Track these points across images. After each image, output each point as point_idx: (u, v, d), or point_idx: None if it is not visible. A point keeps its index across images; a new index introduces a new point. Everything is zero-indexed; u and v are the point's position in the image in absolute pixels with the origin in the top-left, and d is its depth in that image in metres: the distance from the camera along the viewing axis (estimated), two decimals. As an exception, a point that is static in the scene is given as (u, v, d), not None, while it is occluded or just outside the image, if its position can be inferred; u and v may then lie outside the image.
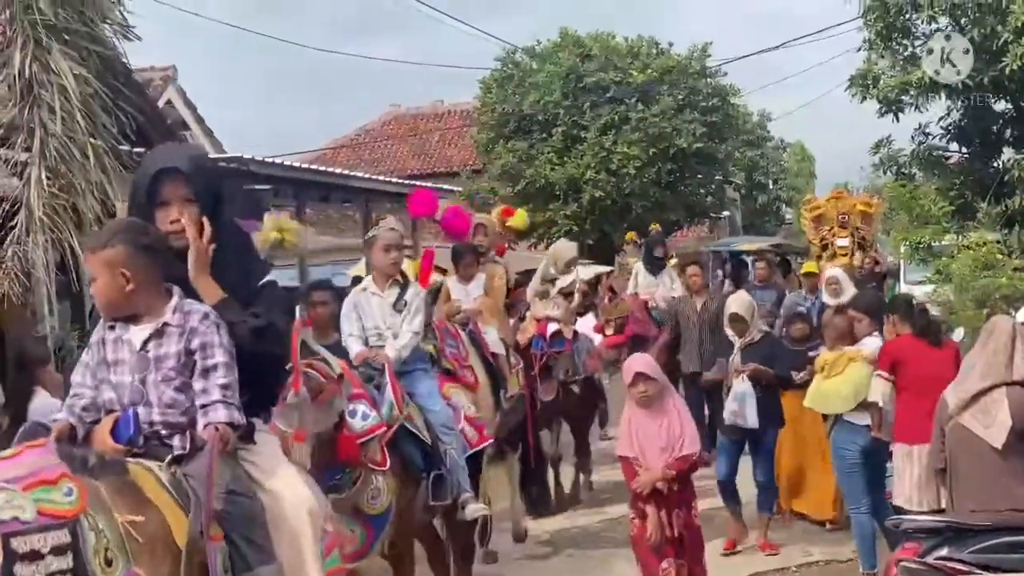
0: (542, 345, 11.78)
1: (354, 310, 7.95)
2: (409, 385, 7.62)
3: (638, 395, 7.51)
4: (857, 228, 18.75)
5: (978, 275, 13.67)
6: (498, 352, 10.18)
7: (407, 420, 7.21)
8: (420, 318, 7.83)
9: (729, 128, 30.19)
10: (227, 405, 4.38)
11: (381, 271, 7.97)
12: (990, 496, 6.23)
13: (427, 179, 29.45)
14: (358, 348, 7.73)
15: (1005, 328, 6.50)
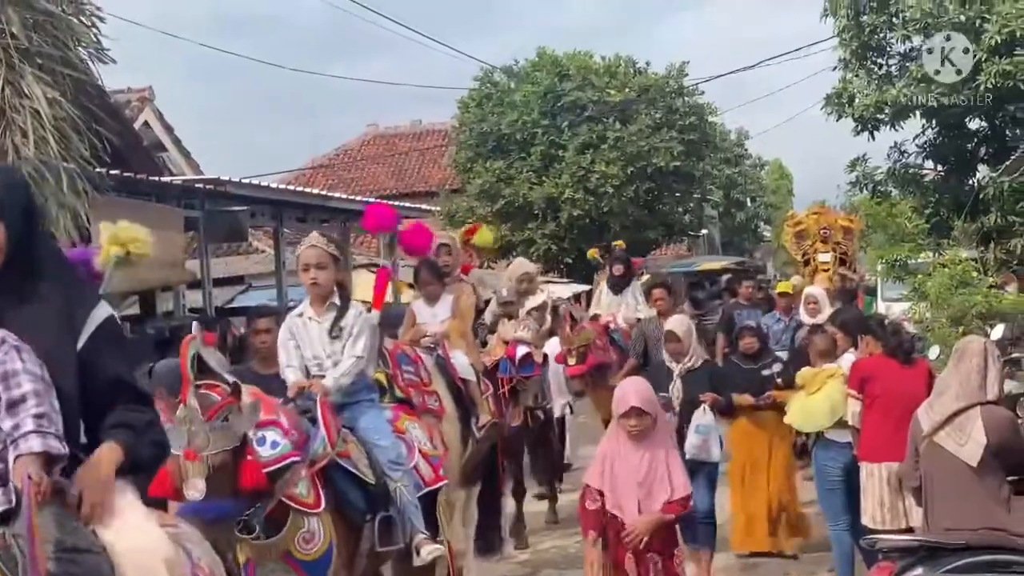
0: (510, 369, 11.01)
1: (291, 338, 7.17)
2: (353, 417, 6.99)
3: (629, 428, 6.67)
4: (838, 243, 18.80)
5: (954, 293, 13.67)
6: (468, 378, 9.57)
7: (342, 456, 6.51)
8: (363, 342, 7.08)
9: (707, 146, 30.32)
10: (42, 435, 3.57)
11: (309, 293, 7.23)
12: (965, 515, 6.24)
13: (406, 199, 29.42)
14: (294, 378, 7.00)
15: (977, 349, 6.52)
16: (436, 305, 9.89)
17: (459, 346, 9.76)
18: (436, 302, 9.89)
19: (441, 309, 9.89)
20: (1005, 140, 19.89)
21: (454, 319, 9.88)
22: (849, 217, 19.76)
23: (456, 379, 9.32)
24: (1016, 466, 6.41)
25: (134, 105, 21.29)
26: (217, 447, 5.47)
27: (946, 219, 20.38)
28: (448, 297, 9.94)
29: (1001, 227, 19.36)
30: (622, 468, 6.68)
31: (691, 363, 9.40)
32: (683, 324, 9.70)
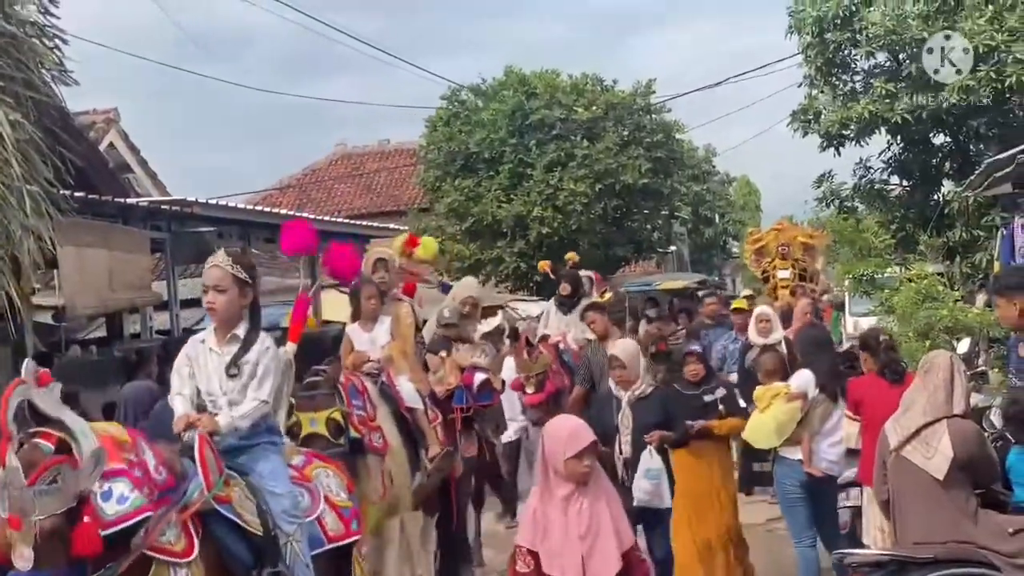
0: (466, 398, 10.33)
1: (187, 364, 6.32)
2: (249, 462, 6.17)
3: (583, 470, 5.62)
4: (798, 260, 18.82)
5: (920, 307, 13.77)
6: (415, 406, 9.09)
7: (220, 502, 5.76)
8: (269, 384, 6.18)
9: (674, 163, 30.40)
10: None
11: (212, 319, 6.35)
12: (933, 528, 6.27)
13: (374, 218, 29.40)
14: (183, 410, 6.15)
15: (943, 364, 6.55)
16: (374, 328, 9.29)
17: (403, 370, 9.24)
18: (373, 325, 9.31)
19: (380, 332, 9.30)
20: (969, 155, 20.03)
21: (395, 342, 9.31)
22: (809, 233, 19.84)
23: (402, 407, 8.92)
24: (983, 479, 6.45)
25: (99, 126, 21.21)
26: (45, 511, 4.81)
27: (912, 234, 20.56)
28: (386, 319, 9.36)
29: (966, 241, 19.49)
30: (559, 521, 5.65)
31: (640, 390, 8.71)
32: (628, 349, 8.94)
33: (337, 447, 7.62)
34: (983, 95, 18.28)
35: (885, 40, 19.26)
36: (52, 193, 9.59)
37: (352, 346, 9.33)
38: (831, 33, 20.21)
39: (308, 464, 6.80)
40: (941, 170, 21.28)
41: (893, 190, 22.05)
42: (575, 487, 5.62)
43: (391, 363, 9.15)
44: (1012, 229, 11.88)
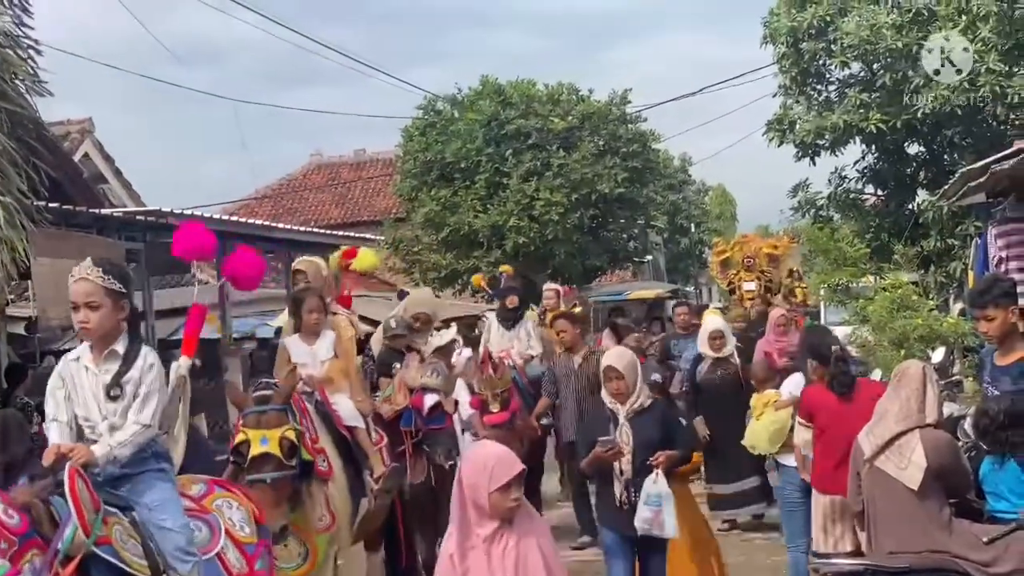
0: (415, 421, 9.73)
1: (61, 386, 5.59)
2: (133, 493, 5.51)
3: (510, 504, 4.94)
4: (763, 271, 18.79)
5: (895, 316, 13.81)
6: (355, 425, 8.47)
7: (100, 544, 5.12)
8: (152, 406, 5.51)
9: (650, 173, 30.41)
10: None
11: None
12: (907, 538, 6.29)
13: (350, 228, 29.40)
14: (57, 439, 5.47)
15: (915, 374, 6.58)
16: (316, 342, 8.68)
17: (343, 389, 8.66)
18: (316, 339, 8.69)
19: (322, 347, 8.68)
20: (943, 164, 20.15)
21: (337, 360, 8.73)
22: (773, 243, 19.85)
23: (340, 427, 8.31)
24: (956, 488, 6.47)
25: (73, 137, 21.12)
26: None
27: (887, 243, 20.65)
28: (330, 334, 8.74)
29: (941, 251, 19.62)
30: (481, 565, 4.97)
31: (638, 403, 7.86)
32: (624, 358, 8.04)
33: (289, 469, 6.90)
34: (957, 105, 18.39)
35: (859, 50, 19.38)
36: (26, 204, 9.53)
37: (289, 359, 8.61)
38: (806, 43, 20.32)
39: (208, 494, 6.13)
40: (916, 179, 21.41)
41: (868, 199, 22.17)
42: (500, 524, 4.95)
43: (330, 382, 8.53)
44: (986, 238, 11.93)
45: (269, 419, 7.01)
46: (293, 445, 6.96)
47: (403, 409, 9.69)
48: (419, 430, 9.72)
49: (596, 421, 8.05)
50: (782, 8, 20.89)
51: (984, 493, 6.66)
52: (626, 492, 7.68)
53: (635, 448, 7.69)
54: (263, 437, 6.91)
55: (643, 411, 7.85)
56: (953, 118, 19.00)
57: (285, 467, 6.89)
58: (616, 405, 7.84)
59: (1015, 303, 7.13)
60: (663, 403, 8.38)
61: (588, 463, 7.88)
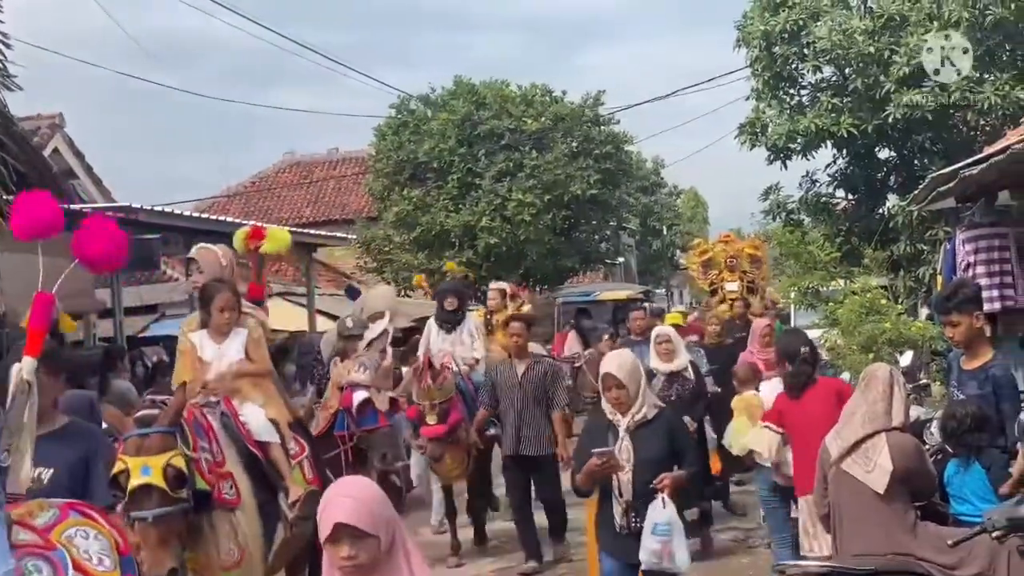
0: (348, 424, 8.82)
1: None
2: None
3: (341, 563, 3.74)
4: (746, 272, 18.83)
5: (864, 320, 13.88)
6: (269, 440, 7.30)
7: None
8: None
9: (623, 175, 30.50)
10: None
11: None
12: (873, 540, 6.31)
13: (322, 226, 29.30)
14: None
15: (883, 376, 6.62)
16: (224, 342, 7.51)
17: (254, 398, 7.43)
18: (225, 338, 7.52)
19: (232, 347, 7.52)
20: (914, 169, 20.23)
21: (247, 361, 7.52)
22: (756, 244, 19.88)
23: (249, 443, 7.13)
24: (921, 492, 6.50)
25: (43, 132, 20.95)
26: None
27: (857, 247, 20.72)
28: (241, 331, 7.57)
29: (910, 255, 19.68)
30: None
31: (641, 414, 6.95)
32: (626, 363, 7.08)
33: (177, 503, 5.70)
34: (928, 110, 18.48)
35: (832, 55, 19.44)
36: (-7, 199, 9.46)
37: (195, 358, 7.47)
38: (778, 47, 20.36)
39: (59, 522, 5.28)
40: (886, 184, 21.49)
41: (839, 203, 22.24)
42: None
43: (237, 392, 7.36)
44: (954, 243, 11.98)
45: (152, 444, 5.78)
46: (181, 474, 5.78)
47: (335, 412, 8.86)
48: (352, 433, 8.79)
49: (594, 433, 7.13)
50: (755, 12, 20.94)
51: (949, 496, 6.72)
52: (626, 516, 6.83)
53: (636, 465, 6.80)
54: (144, 466, 5.67)
55: (647, 423, 6.94)
56: (924, 123, 19.08)
57: (172, 500, 5.68)
58: (616, 416, 6.97)
59: (979, 308, 7.19)
60: (671, 413, 7.36)
61: (582, 478, 6.99)
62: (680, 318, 13.86)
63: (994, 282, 10.94)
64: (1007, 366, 7.25)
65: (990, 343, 7.45)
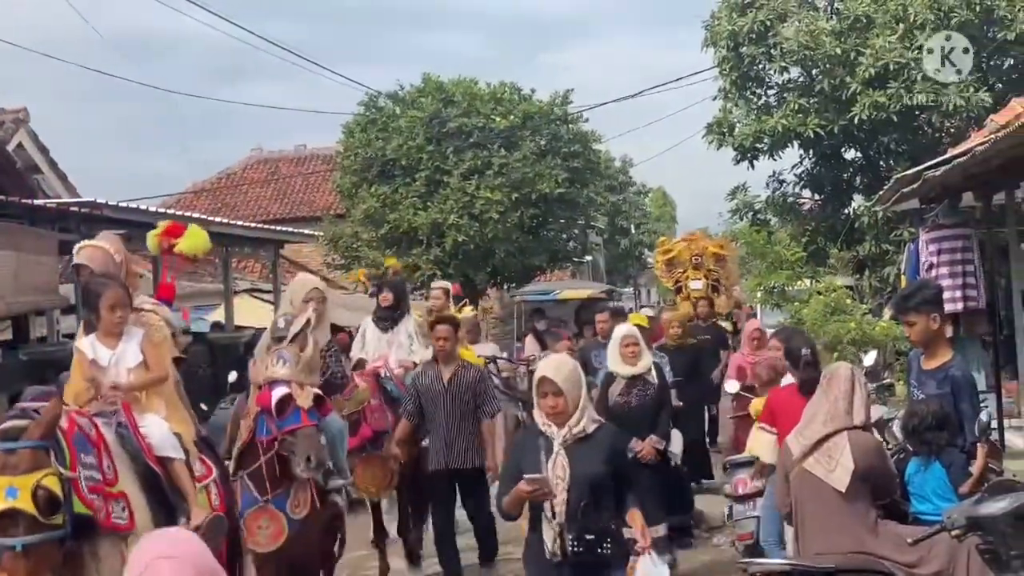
0: (268, 427, 7.64)
1: None
2: None
3: None
4: (711, 270, 18.83)
5: (829, 320, 13.98)
6: (172, 456, 6.39)
7: None
8: None
9: (591, 173, 30.48)
10: None
11: None
12: (834, 539, 6.35)
13: (289, 223, 29.18)
14: None
15: (845, 375, 6.66)
16: (119, 345, 6.62)
17: (155, 408, 6.61)
18: (117, 340, 6.63)
19: (128, 351, 6.63)
20: (879, 170, 20.38)
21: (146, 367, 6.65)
22: (720, 243, 19.93)
23: (150, 459, 6.24)
24: (882, 491, 6.55)
25: (8, 126, 20.82)
26: None
27: (823, 247, 20.89)
28: (136, 332, 6.70)
29: (875, 255, 19.83)
30: None
31: (579, 427, 6.07)
32: (564, 367, 6.23)
33: (50, 529, 4.98)
34: (893, 112, 18.62)
35: (799, 55, 19.56)
36: (-45, 193, 9.39)
37: (87, 366, 6.63)
38: (746, 47, 20.48)
39: None
40: (852, 184, 21.64)
41: (805, 203, 22.39)
42: None
43: (134, 400, 6.52)
44: (918, 244, 12.07)
45: (19, 461, 5.02)
46: (54, 496, 5.02)
47: (256, 415, 7.78)
48: (274, 437, 7.64)
49: (526, 447, 6.23)
50: (723, 12, 21.05)
51: (909, 495, 6.77)
52: (559, 541, 5.98)
53: (572, 483, 5.96)
54: (10, 487, 4.92)
55: (585, 438, 6.08)
56: (889, 125, 19.23)
57: (44, 527, 4.95)
58: (551, 428, 6.08)
59: (937, 310, 7.22)
60: (612, 430, 6.44)
61: (509, 501, 6.09)
62: (645, 319, 12.45)
63: (957, 283, 11.04)
64: (966, 366, 7.30)
65: (950, 344, 7.51)
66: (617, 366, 10.15)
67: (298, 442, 7.56)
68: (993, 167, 9.74)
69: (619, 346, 10.15)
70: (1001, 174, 10.19)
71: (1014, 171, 9.98)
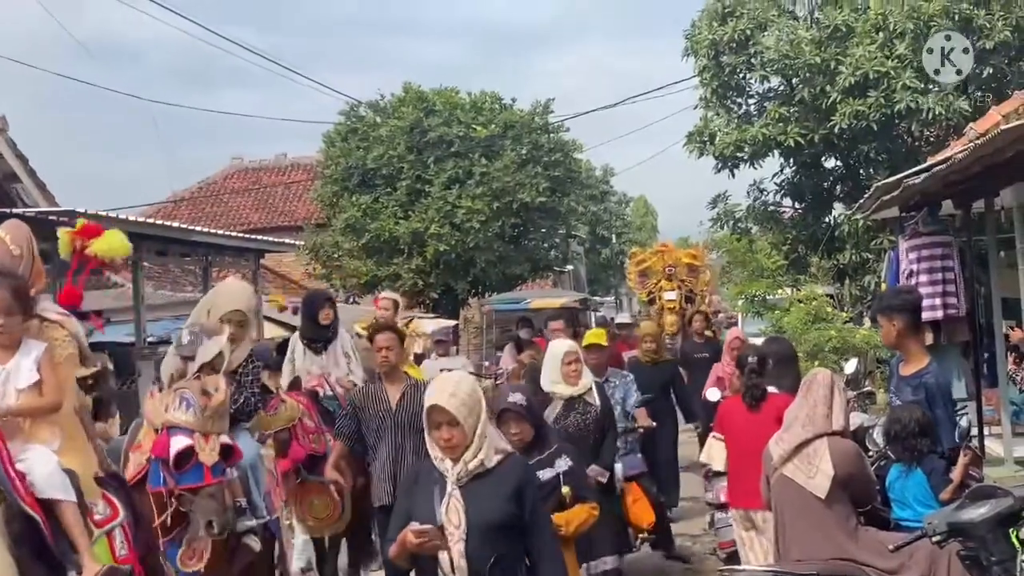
0: (163, 477, 6.51)
1: None
2: None
3: None
4: (684, 281, 18.75)
5: (810, 328, 13.99)
6: (60, 498, 5.31)
7: None
8: None
9: (572, 183, 30.52)
10: None
11: None
12: (814, 545, 6.35)
13: (270, 232, 29.13)
14: None
15: (824, 381, 6.67)
16: (11, 360, 5.51)
17: (45, 438, 5.49)
18: (12, 354, 5.53)
19: (22, 367, 5.50)
20: (859, 178, 20.44)
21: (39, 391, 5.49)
22: (693, 253, 19.90)
23: (27, 502, 5.19)
24: (862, 497, 6.55)
25: (-15, 135, 20.70)
26: None
27: (803, 255, 20.94)
28: (35, 346, 5.56)
29: (856, 264, 19.89)
30: None
31: (477, 461, 5.02)
32: (460, 390, 5.06)
33: None
34: (873, 120, 18.69)
35: (779, 64, 19.62)
36: (-68, 201, 9.30)
37: None
38: (726, 56, 20.54)
39: None
40: (832, 193, 21.71)
41: (786, 212, 22.44)
42: None
43: (19, 432, 5.43)
44: (898, 252, 12.09)
45: None
46: None
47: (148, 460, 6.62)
48: (170, 492, 6.49)
49: (419, 485, 5.17)
50: (703, 21, 21.10)
51: (890, 501, 6.78)
52: None
53: (470, 532, 4.94)
54: None
55: (485, 473, 5.03)
56: (869, 133, 19.29)
57: None
58: (445, 463, 5.05)
59: (898, 314, 7.21)
60: (520, 461, 5.34)
61: (395, 549, 5.04)
62: (603, 337, 10.73)
63: (937, 290, 11.04)
64: (940, 373, 7.32)
65: (926, 350, 7.52)
66: (555, 386, 8.70)
67: (199, 503, 6.46)
68: (972, 175, 9.76)
69: (559, 363, 8.68)
70: (980, 182, 10.21)
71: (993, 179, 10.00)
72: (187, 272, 25.75)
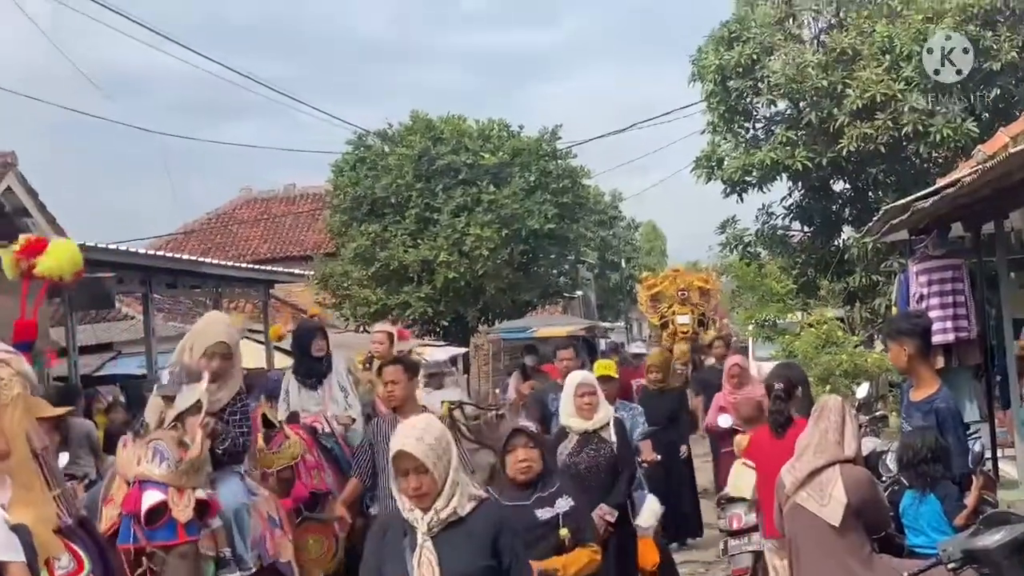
0: (134, 534, 6.19)
1: None
2: None
3: None
4: (696, 304, 18.71)
5: (821, 352, 13.95)
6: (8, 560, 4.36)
7: None
8: None
9: (580, 209, 30.57)
10: None
11: None
12: (828, 573, 6.31)
13: (279, 263, 29.17)
14: None
15: (835, 407, 6.63)
16: None
17: None
18: None
19: None
20: (868, 201, 20.40)
21: None
22: (705, 278, 19.87)
23: None
24: (876, 524, 6.51)
25: (-4, 170, 20.75)
26: None
27: (813, 279, 20.88)
28: None
29: (865, 287, 19.83)
30: None
31: (450, 510, 4.68)
32: (427, 435, 4.73)
33: None
34: (881, 143, 18.67)
35: (786, 88, 19.61)
36: (-58, 238, 9.32)
37: None
38: (733, 81, 20.52)
39: None
40: (841, 216, 21.66)
41: (795, 236, 22.40)
42: None
43: None
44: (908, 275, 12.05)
45: None
46: None
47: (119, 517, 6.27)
48: (141, 550, 6.15)
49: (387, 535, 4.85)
50: (710, 47, 21.12)
51: (904, 527, 6.74)
52: None
53: None
54: None
55: (458, 522, 4.69)
56: (877, 156, 19.26)
57: None
58: (414, 513, 4.70)
59: (908, 338, 7.18)
60: (496, 507, 5.11)
61: None
62: (613, 368, 10.73)
63: (947, 313, 10.98)
64: (950, 398, 7.28)
65: (936, 375, 7.49)
66: (570, 419, 8.35)
67: (171, 563, 6.15)
68: (982, 197, 9.74)
69: (573, 396, 8.33)
70: (990, 204, 10.19)
71: (1002, 201, 9.98)
72: (198, 304, 25.77)
